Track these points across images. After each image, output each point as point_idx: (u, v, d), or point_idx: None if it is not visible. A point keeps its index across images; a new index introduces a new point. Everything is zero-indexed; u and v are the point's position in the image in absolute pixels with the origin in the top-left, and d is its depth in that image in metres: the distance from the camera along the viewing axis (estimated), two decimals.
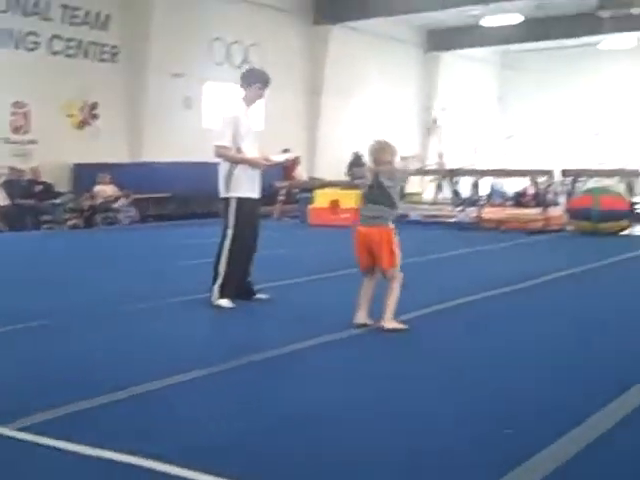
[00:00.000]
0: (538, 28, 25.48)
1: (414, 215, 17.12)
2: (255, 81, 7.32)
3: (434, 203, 19.96)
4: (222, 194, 6.91)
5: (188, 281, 8.15)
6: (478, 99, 30.94)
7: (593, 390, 4.35)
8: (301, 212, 16.94)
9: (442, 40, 27.91)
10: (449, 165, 20.24)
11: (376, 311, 5.88)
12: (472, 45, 27.79)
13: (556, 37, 26.38)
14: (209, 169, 19.85)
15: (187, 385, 4.42)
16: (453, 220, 16.22)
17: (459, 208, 16.94)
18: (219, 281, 6.76)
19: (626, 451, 3.45)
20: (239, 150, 6.92)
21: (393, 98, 27.07)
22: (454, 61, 28.61)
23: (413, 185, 24.44)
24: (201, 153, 19.81)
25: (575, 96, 28.92)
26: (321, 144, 24.12)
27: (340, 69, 24.12)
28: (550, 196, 17.62)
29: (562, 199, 16.96)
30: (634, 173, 17.86)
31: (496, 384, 4.52)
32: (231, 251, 6.79)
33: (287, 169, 21.15)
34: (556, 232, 14.54)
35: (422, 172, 22.38)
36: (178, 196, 18.57)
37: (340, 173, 21.55)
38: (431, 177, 21.12)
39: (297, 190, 19.42)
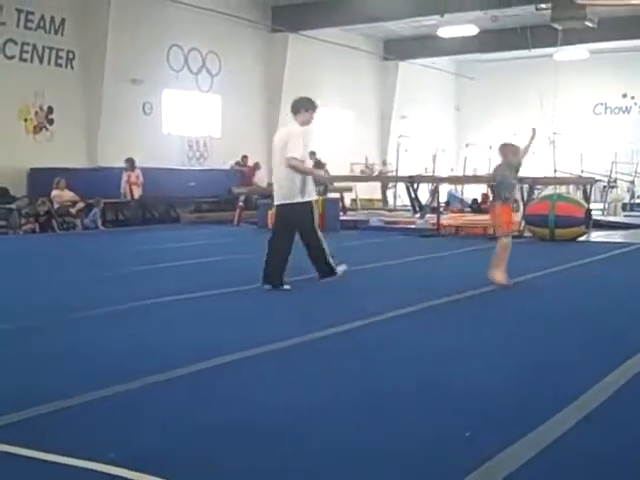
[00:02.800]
0: (493, 39, 25.80)
1: (375, 221, 17.21)
2: (301, 108, 8.27)
3: (394, 210, 20.08)
4: (296, 199, 7.91)
5: (141, 286, 8.05)
6: (436, 107, 31.20)
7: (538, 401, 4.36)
8: (261, 218, 16.89)
9: (399, 49, 28.11)
10: (408, 172, 20.37)
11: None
12: (429, 55, 28.05)
13: (511, 48, 26.76)
14: (167, 175, 19.88)
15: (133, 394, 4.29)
16: (413, 226, 16.30)
17: (418, 214, 17.06)
18: (329, 262, 8.11)
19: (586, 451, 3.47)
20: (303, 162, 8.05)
21: (352, 106, 27.17)
22: (412, 70, 28.81)
23: (375, 191, 24.67)
24: (161, 159, 19.81)
25: (531, 105, 29.26)
26: None
27: (298, 77, 24.12)
28: None
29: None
30: (590, 180, 18.12)
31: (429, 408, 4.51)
32: (321, 240, 8.09)
33: (246, 175, 21.15)
34: (514, 238, 14.64)
35: (380, 179, 22.53)
36: (136, 201, 18.38)
37: None
38: (390, 184, 21.24)
39: (257, 196, 19.39)
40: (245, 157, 21.73)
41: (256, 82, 23.67)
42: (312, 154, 22.05)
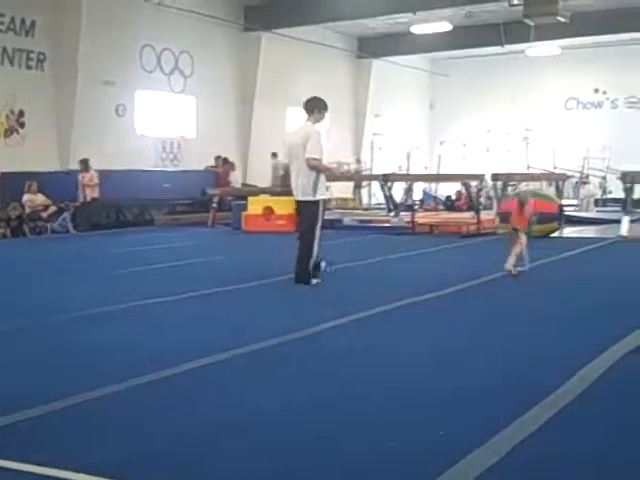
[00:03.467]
0: (467, 36, 25.87)
1: (348, 220, 17.20)
2: (315, 108, 8.70)
3: (368, 208, 20.08)
4: (309, 197, 8.32)
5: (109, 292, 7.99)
6: (410, 105, 31.26)
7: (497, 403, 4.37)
8: (235, 219, 16.84)
9: (373, 47, 28.13)
10: (382, 170, 20.38)
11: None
12: (403, 52, 28.07)
13: (484, 45, 26.84)
14: (141, 177, 19.67)
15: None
16: (387, 225, 16.32)
17: (393, 213, 17.08)
18: (311, 264, 8.25)
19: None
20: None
21: (329, 105, 27.08)
22: (386, 68, 28.83)
23: (348, 190, 24.70)
24: (135, 161, 19.69)
25: (504, 102, 29.44)
26: (254, 151, 24.03)
27: (272, 76, 24.10)
28: (483, 200, 17.89)
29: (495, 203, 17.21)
30: (562, 176, 18.23)
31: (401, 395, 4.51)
32: (319, 239, 8.32)
33: (220, 176, 21.07)
34: (488, 235, 14.72)
35: (353, 177, 22.51)
36: (108, 204, 18.23)
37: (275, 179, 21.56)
38: (364, 182, 21.23)
39: (230, 197, 19.33)
40: (219, 158, 21.64)
41: (230, 82, 23.61)
42: (273, 155, 22.09)
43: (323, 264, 8.54)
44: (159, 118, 21.58)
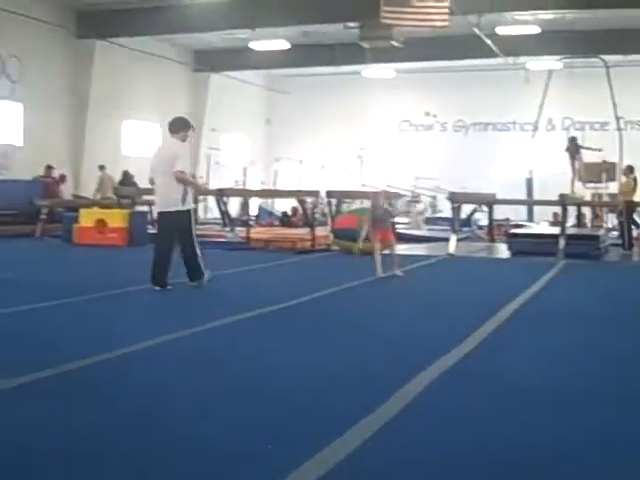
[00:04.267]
0: (304, 55, 26.20)
1: None
2: (180, 128, 9.27)
3: (203, 223, 19.87)
4: (178, 207, 8.95)
5: None
6: (248, 120, 31.27)
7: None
8: (65, 231, 16.20)
9: (211, 61, 27.95)
10: (219, 185, 20.23)
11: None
12: (241, 67, 28.08)
13: (321, 64, 27.30)
14: None
15: None
16: (222, 240, 16.17)
17: (228, 228, 16.97)
18: (200, 262, 9.13)
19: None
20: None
21: (162, 117, 26.64)
22: (224, 83, 28.72)
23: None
24: None
25: (340, 120, 30.00)
26: (87, 162, 23.23)
27: (107, 86, 23.42)
28: (318, 216, 18.09)
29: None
30: (395, 195, 18.74)
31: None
32: (196, 245, 9.14)
33: (50, 187, 20.23)
34: (322, 252, 14.89)
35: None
36: None
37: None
38: (200, 197, 20.98)
39: (61, 209, 18.60)
40: (49, 167, 20.76)
41: (62, 90, 22.71)
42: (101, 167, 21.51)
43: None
44: None
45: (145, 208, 18.73)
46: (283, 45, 24.69)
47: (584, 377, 5.21)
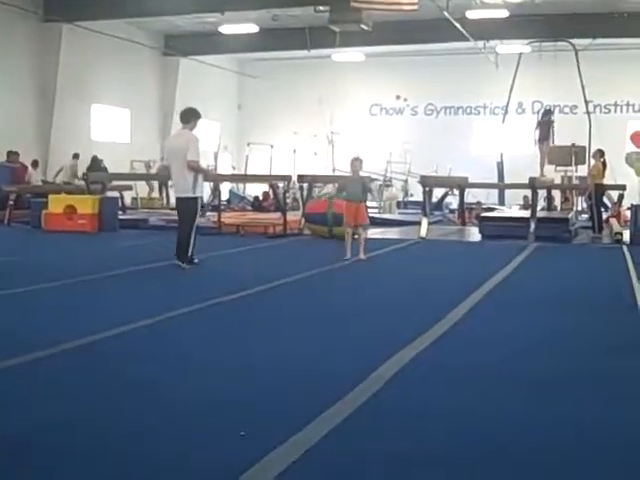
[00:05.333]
0: (274, 38, 26.05)
1: (154, 220, 16.84)
2: (191, 118, 10.16)
3: (174, 208, 19.67)
4: (188, 194, 9.69)
5: None
6: (219, 105, 31.06)
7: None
8: (34, 217, 16.02)
9: (181, 45, 27.73)
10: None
11: None
12: (211, 52, 27.87)
13: (291, 48, 27.18)
14: None
15: None
16: None
17: (200, 213, 16.85)
18: (189, 253, 9.64)
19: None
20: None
21: (131, 102, 26.46)
22: (194, 67, 28.50)
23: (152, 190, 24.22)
24: None
25: (311, 105, 29.86)
26: (56, 147, 22.96)
27: (75, 70, 23.14)
28: (290, 201, 18.05)
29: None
30: (368, 179, 18.69)
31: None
32: (195, 231, 9.80)
33: (17, 173, 19.97)
34: (294, 236, 14.87)
35: (159, 177, 22.01)
36: None
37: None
38: (171, 182, 20.79)
39: (29, 195, 18.38)
40: (14, 153, 20.42)
41: (28, 74, 22.40)
42: (75, 156, 21.30)
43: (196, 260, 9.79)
44: None
45: (116, 194, 18.61)
46: (253, 29, 24.53)
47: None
